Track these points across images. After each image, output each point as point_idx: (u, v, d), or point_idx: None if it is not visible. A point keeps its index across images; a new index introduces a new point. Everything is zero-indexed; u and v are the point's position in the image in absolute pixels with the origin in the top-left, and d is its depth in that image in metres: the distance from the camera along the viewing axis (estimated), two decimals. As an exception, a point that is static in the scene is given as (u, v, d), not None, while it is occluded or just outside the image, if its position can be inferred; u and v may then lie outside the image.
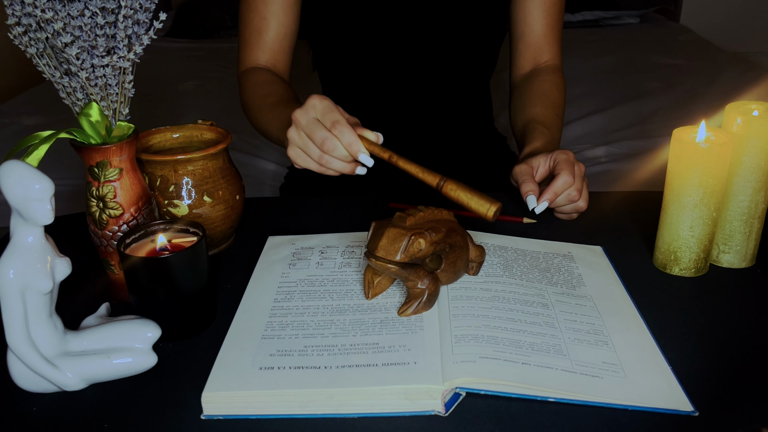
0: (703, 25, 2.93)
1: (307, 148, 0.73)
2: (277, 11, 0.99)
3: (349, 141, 0.70)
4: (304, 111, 0.72)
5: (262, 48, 1.01)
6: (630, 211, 0.87)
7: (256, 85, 0.97)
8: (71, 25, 0.60)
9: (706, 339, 0.62)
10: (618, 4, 2.85)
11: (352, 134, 0.70)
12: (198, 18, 2.83)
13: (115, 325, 0.59)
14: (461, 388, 0.54)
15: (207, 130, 0.81)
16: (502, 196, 0.92)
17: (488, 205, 0.65)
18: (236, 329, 0.62)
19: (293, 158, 0.74)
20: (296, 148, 0.74)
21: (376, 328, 0.61)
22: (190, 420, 0.53)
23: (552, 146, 0.91)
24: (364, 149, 0.70)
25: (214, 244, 0.78)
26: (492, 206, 0.65)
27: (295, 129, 0.73)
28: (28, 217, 0.52)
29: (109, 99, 0.65)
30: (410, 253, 0.61)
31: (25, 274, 0.53)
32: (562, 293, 0.67)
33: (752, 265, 0.74)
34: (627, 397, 0.53)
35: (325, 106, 0.71)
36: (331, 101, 0.72)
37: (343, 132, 0.70)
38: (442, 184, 0.68)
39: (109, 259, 0.69)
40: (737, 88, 1.99)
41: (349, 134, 0.69)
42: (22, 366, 0.55)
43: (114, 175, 0.66)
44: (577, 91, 1.97)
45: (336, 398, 0.53)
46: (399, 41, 1.01)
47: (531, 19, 1.03)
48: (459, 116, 1.10)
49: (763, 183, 0.70)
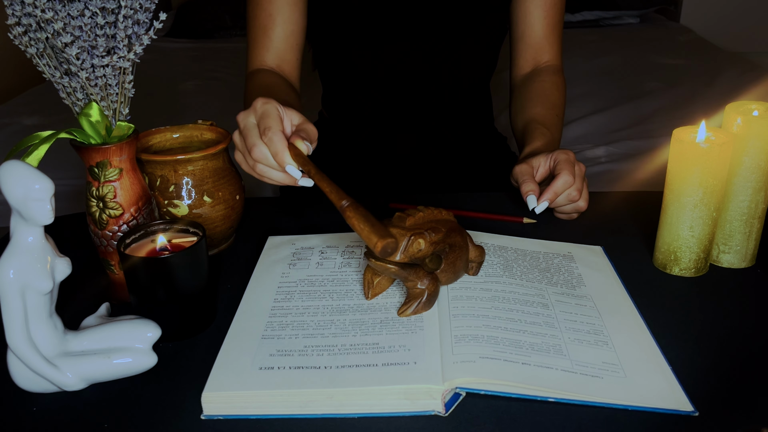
0: (703, 25, 2.92)
1: (245, 155, 0.68)
2: (283, 8, 0.98)
3: (275, 150, 0.64)
4: (246, 114, 0.68)
5: (268, 47, 1.00)
6: (630, 211, 0.87)
7: (257, 87, 0.97)
8: (71, 25, 0.60)
9: (706, 339, 0.62)
10: (618, 4, 2.84)
11: (281, 143, 0.64)
12: (198, 18, 2.83)
13: (115, 325, 0.59)
14: (461, 388, 0.54)
15: (207, 130, 0.81)
16: (502, 196, 0.92)
17: (375, 239, 0.57)
18: (236, 329, 0.62)
19: (238, 162, 0.70)
20: (239, 153, 0.69)
21: (376, 328, 0.61)
22: (190, 420, 0.53)
23: (552, 146, 0.91)
24: (291, 160, 0.64)
25: (214, 244, 0.78)
26: (380, 241, 0.57)
27: (237, 132, 0.69)
28: (28, 217, 0.52)
29: (109, 99, 0.65)
30: (410, 254, 0.61)
31: (25, 274, 0.53)
32: (562, 293, 0.67)
33: (752, 265, 0.74)
34: (627, 397, 0.53)
35: (264, 110, 0.66)
36: (276, 105, 0.67)
37: (272, 140, 0.64)
38: (345, 205, 0.60)
39: (109, 259, 0.69)
40: (737, 88, 1.99)
41: (278, 143, 0.64)
42: (22, 366, 0.55)
43: (114, 175, 0.66)
44: (577, 91, 1.97)
45: (336, 398, 0.53)
46: (399, 41, 1.01)
47: (531, 19, 1.03)
48: (459, 116, 1.10)
49: (763, 183, 0.70)
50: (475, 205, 0.88)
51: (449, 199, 0.91)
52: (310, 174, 0.64)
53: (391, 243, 0.58)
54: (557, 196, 0.78)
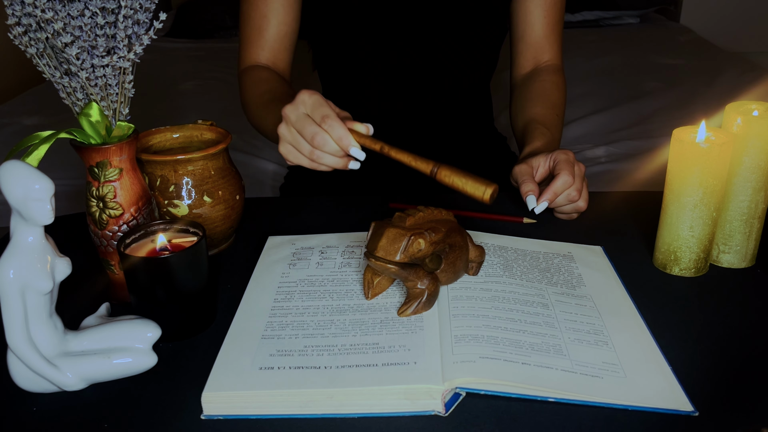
0: (703, 25, 2.93)
1: (297, 144, 0.71)
2: (277, 9, 0.99)
3: (339, 135, 0.68)
4: (293, 107, 0.71)
5: (262, 46, 1.01)
6: (630, 211, 0.87)
7: (255, 82, 0.97)
8: (71, 25, 0.60)
9: (706, 339, 0.62)
10: (618, 4, 2.85)
11: (343, 128, 0.68)
12: (198, 18, 2.83)
13: (115, 325, 0.59)
14: (461, 388, 0.54)
15: (207, 130, 0.81)
16: (502, 196, 0.92)
17: (483, 187, 0.63)
18: (236, 329, 0.62)
19: (285, 155, 0.73)
20: (287, 145, 0.73)
21: (376, 328, 0.61)
22: (190, 420, 0.53)
23: (552, 146, 0.91)
24: (355, 143, 0.69)
25: (214, 244, 0.78)
26: (488, 188, 0.63)
27: (285, 125, 0.72)
28: (28, 217, 0.52)
29: (109, 99, 0.65)
30: (410, 254, 0.61)
31: (25, 274, 0.53)
32: (562, 293, 0.67)
33: (752, 265, 0.74)
34: (627, 397, 0.53)
35: (314, 100, 0.70)
36: (321, 96, 0.71)
37: (333, 126, 0.68)
38: (436, 170, 0.66)
39: (109, 259, 0.69)
40: (737, 88, 1.99)
41: (340, 128, 0.68)
42: (22, 366, 0.55)
43: (114, 175, 0.66)
44: (577, 91, 1.97)
45: (336, 398, 0.53)
46: (399, 41, 1.01)
47: (532, 19, 1.03)
48: (459, 116, 1.10)
49: (763, 183, 0.70)
50: (475, 205, 0.88)
51: (449, 199, 0.91)
52: (383, 151, 0.69)
53: (497, 188, 0.64)
54: (557, 196, 0.78)
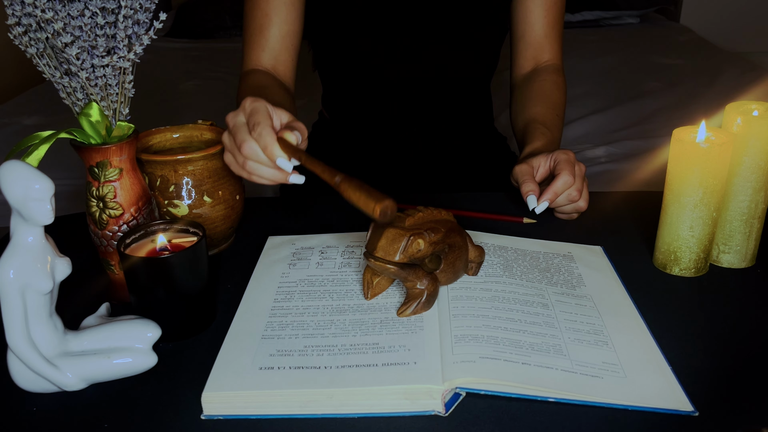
0: (703, 25, 2.92)
1: (235, 153, 0.67)
2: (280, 8, 0.98)
3: (264, 144, 0.63)
4: (234, 114, 0.67)
5: (263, 46, 1.00)
6: (630, 211, 0.87)
7: (249, 87, 0.96)
8: (71, 25, 0.60)
9: (706, 339, 0.62)
10: (618, 4, 2.84)
11: (270, 136, 0.63)
12: (198, 18, 2.83)
13: (115, 325, 0.59)
14: (461, 388, 0.54)
15: (207, 130, 0.81)
16: (502, 196, 0.92)
17: (373, 203, 0.55)
18: (236, 329, 0.62)
19: (228, 164, 0.69)
20: (228, 153, 0.68)
21: (376, 328, 0.61)
22: (190, 420, 0.53)
23: (552, 146, 0.91)
24: (281, 153, 0.63)
25: (214, 244, 0.78)
26: (377, 205, 0.55)
27: (226, 133, 0.68)
28: (28, 217, 0.52)
29: (109, 99, 0.65)
30: (409, 254, 0.61)
31: (25, 274, 0.53)
32: (562, 293, 0.67)
33: (752, 265, 0.74)
34: (627, 397, 0.53)
35: (253, 108, 0.66)
36: (265, 103, 0.66)
37: (261, 134, 0.63)
38: (339, 182, 0.59)
39: (109, 259, 0.69)
40: (737, 88, 1.99)
41: (267, 136, 0.63)
42: (22, 366, 0.55)
43: (114, 175, 0.66)
44: (577, 91, 1.97)
45: (336, 398, 0.53)
46: (399, 41, 1.01)
47: (532, 19, 1.03)
48: (459, 116, 1.10)
49: (763, 183, 0.70)
50: (475, 205, 0.88)
51: (449, 199, 0.91)
52: (301, 161, 0.63)
53: (389, 204, 0.55)
54: (557, 196, 0.78)
